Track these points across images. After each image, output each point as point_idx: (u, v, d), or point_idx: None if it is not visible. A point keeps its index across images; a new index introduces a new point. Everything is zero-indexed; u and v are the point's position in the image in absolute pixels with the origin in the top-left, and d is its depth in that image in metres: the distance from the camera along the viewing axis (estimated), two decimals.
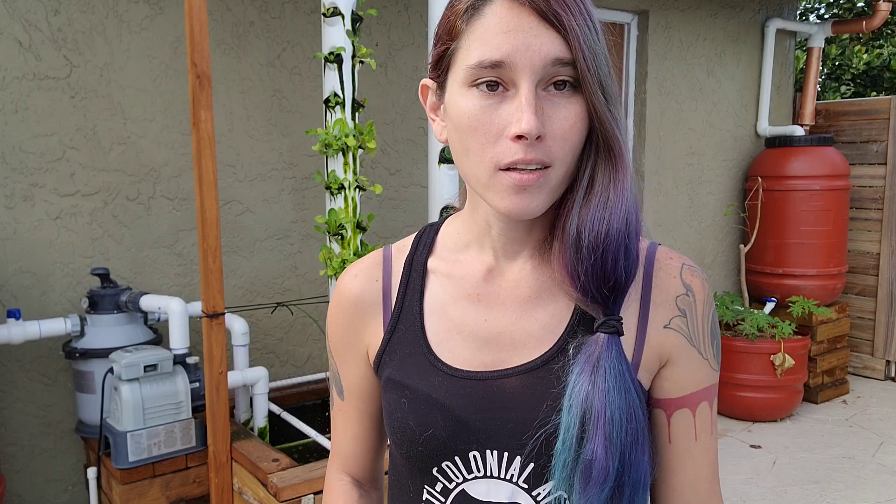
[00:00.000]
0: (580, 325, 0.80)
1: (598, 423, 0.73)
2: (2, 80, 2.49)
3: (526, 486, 0.81)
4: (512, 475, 0.81)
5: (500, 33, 0.72)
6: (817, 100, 5.69)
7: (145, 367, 2.23)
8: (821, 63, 5.91)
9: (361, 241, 2.49)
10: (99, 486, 2.48)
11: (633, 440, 0.75)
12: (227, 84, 2.93)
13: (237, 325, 2.57)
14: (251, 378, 2.51)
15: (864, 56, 7.19)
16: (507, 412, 0.79)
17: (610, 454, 0.73)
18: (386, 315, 0.91)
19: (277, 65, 3.05)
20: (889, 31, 7.62)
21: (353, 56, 2.43)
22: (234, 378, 2.46)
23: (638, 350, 0.80)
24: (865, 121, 5.03)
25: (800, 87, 5.48)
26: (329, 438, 2.25)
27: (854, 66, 7.19)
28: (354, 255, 2.44)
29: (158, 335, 2.59)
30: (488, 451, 0.81)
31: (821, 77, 7.31)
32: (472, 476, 0.83)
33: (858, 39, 7.57)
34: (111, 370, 2.26)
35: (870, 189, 5.04)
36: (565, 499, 0.79)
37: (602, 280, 0.75)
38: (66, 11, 2.58)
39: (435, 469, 0.84)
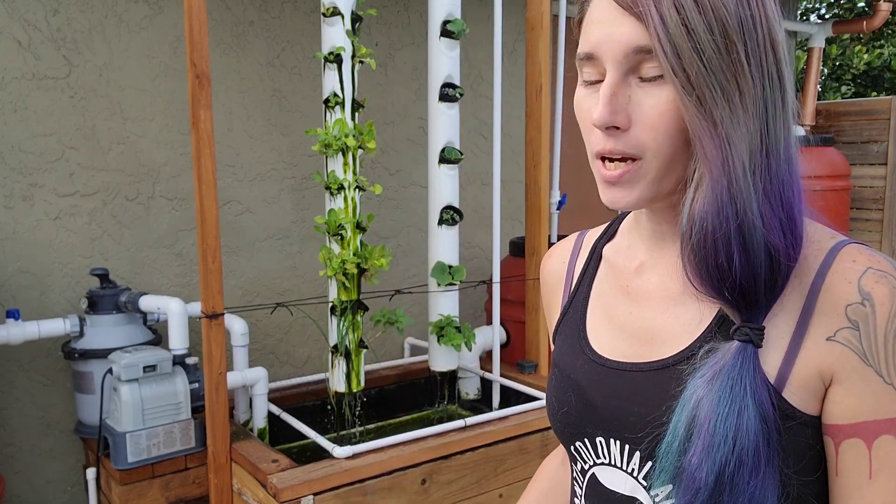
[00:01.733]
0: (720, 329, 0.74)
1: (700, 431, 0.68)
2: (1, 80, 2.49)
3: (645, 484, 0.78)
4: (633, 469, 0.79)
5: (593, 24, 0.73)
6: (818, 100, 5.68)
7: (144, 367, 2.22)
8: (821, 63, 5.90)
9: (361, 242, 2.48)
10: (98, 487, 2.48)
11: (738, 460, 0.67)
12: (227, 84, 2.92)
13: (236, 326, 2.57)
14: (250, 378, 2.51)
15: (865, 56, 7.19)
16: (631, 405, 0.78)
17: (705, 467, 0.67)
18: (564, 297, 0.95)
19: (277, 64, 3.04)
20: (890, 32, 7.62)
21: (353, 56, 2.43)
22: (234, 378, 2.46)
23: (788, 362, 0.70)
24: (866, 121, 5.02)
25: (800, 87, 5.47)
26: (328, 439, 2.25)
27: (855, 66, 7.19)
28: (354, 255, 2.44)
29: (158, 335, 2.59)
30: (611, 439, 0.81)
31: (821, 77, 7.31)
32: (599, 461, 0.83)
33: (859, 39, 7.57)
34: (110, 371, 2.25)
35: (870, 189, 5.03)
36: None
37: (714, 281, 0.70)
38: (65, 11, 2.57)
39: (572, 447, 0.87)
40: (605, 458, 0.83)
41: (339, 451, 2.15)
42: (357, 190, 2.45)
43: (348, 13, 2.39)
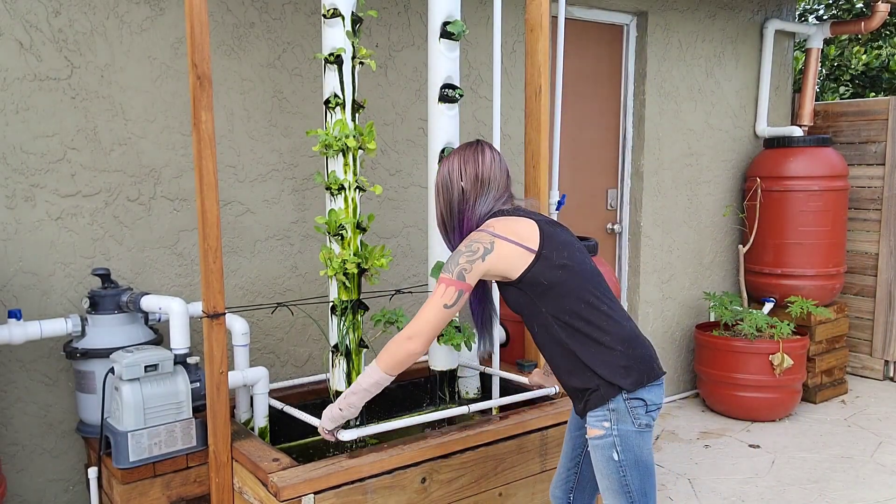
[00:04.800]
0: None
1: None
2: (3, 81, 2.50)
3: None
4: None
5: None
6: (816, 100, 5.70)
7: (146, 367, 2.23)
8: (819, 64, 5.92)
9: (361, 242, 2.50)
10: (100, 486, 2.49)
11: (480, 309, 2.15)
12: (228, 85, 2.94)
13: (237, 325, 2.58)
14: (251, 378, 2.52)
15: (863, 57, 7.20)
16: None
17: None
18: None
19: (278, 66, 3.05)
20: (888, 32, 7.64)
21: (354, 57, 2.44)
22: (235, 378, 2.47)
23: None
24: (864, 121, 5.04)
25: (798, 87, 5.49)
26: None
27: (853, 66, 7.21)
28: (354, 255, 2.45)
29: (159, 335, 2.60)
30: None
31: (819, 78, 7.32)
32: None
33: (857, 40, 7.58)
34: (112, 370, 2.26)
35: (868, 189, 5.05)
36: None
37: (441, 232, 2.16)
38: (66, 12, 2.59)
39: None
40: None
41: (345, 435, 2.16)
42: (357, 190, 2.46)
43: (349, 14, 2.41)
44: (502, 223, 1.97)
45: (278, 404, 2.58)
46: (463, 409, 2.48)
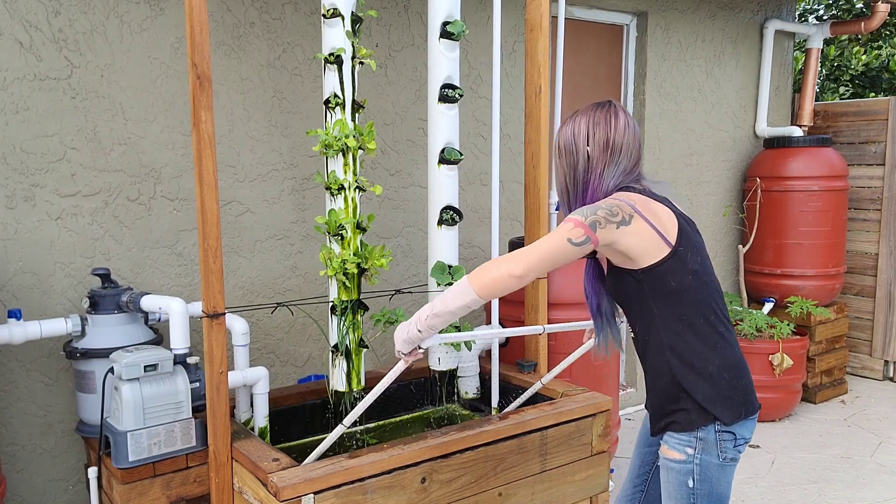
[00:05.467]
0: None
1: None
2: (3, 81, 2.50)
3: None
4: None
5: None
6: (816, 101, 5.70)
7: (146, 366, 2.23)
8: (819, 64, 5.92)
9: (361, 242, 2.50)
10: (100, 486, 2.49)
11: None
12: (228, 85, 2.94)
13: (237, 325, 2.58)
14: (251, 378, 2.52)
15: (863, 57, 7.20)
16: None
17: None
18: None
19: (278, 66, 3.05)
20: (888, 33, 7.64)
21: (353, 57, 2.44)
22: (235, 378, 2.47)
23: None
24: (864, 121, 5.04)
25: (798, 87, 5.49)
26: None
27: (853, 67, 7.21)
28: (354, 255, 2.45)
29: (159, 335, 2.60)
30: None
31: (819, 78, 7.32)
32: None
33: (857, 40, 7.59)
34: (112, 370, 2.26)
35: (868, 190, 5.05)
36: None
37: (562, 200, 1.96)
38: (66, 12, 2.59)
39: None
40: None
41: (428, 342, 1.85)
42: (357, 190, 2.46)
43: (348, 14, 2.41)
44: (643, 200, 1.73)
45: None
46: (538, 328, 2.29)
